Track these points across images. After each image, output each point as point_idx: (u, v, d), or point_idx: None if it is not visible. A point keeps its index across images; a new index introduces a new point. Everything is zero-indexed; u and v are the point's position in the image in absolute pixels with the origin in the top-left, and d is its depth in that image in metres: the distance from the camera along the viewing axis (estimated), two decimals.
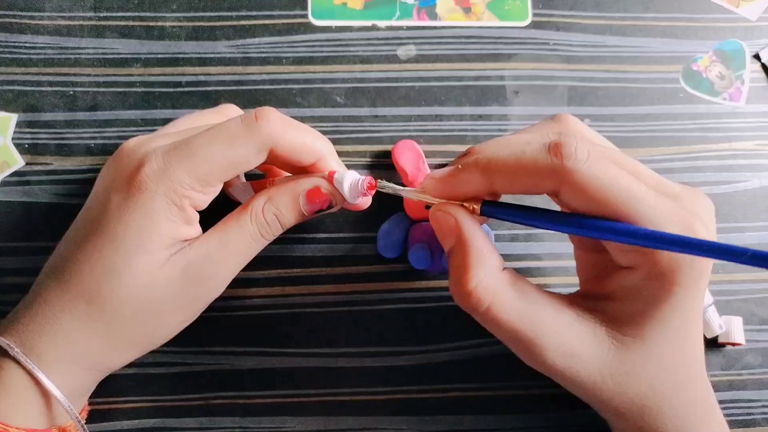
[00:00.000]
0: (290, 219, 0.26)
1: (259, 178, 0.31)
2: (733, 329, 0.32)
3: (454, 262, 0.24)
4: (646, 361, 0.24)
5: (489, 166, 0.23)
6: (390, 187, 0.26)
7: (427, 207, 0.31)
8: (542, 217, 0.23)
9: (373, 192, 0.26)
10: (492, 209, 0.23)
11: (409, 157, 0.32)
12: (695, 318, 0.24)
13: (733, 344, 0.32)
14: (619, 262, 0.24)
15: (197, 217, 0.26)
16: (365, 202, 0.28)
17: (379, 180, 0.26)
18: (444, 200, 0.24)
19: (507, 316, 0.23)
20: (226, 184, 0.30)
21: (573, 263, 0.28)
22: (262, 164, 0.28)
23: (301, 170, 0.27)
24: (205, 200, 0.25)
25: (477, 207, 0.24)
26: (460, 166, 0.24)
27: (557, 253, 0.33)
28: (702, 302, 0.24)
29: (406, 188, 0.26)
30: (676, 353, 0.24)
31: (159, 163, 0.24)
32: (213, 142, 0.24)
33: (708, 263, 0.23)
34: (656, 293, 0.23)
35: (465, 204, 0.24)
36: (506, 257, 0.33)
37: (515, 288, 0.24)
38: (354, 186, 0.26)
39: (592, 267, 0.26)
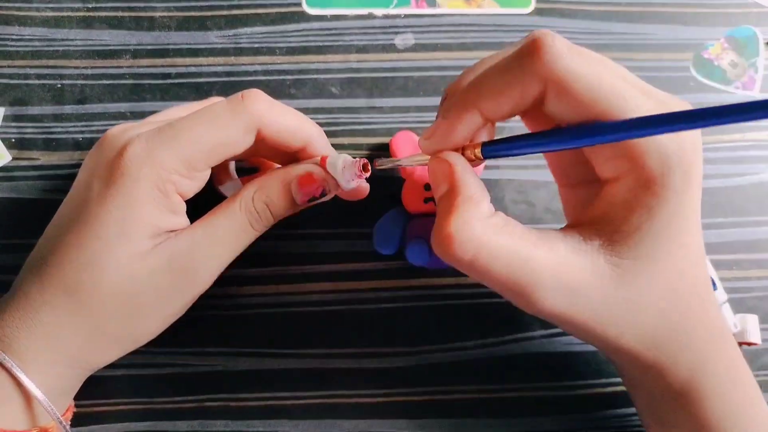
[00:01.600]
0: (282, 208, 0.25)
1: (251, 174, 0.30)
2: (749, 328, 0.30)
3: (441, 207, 0.22)
4: (651, 283, 0.22)
5: (473, 91, 0.22)
6: (388, 161, 0.25)
7: (425, 201, 0.30)
8: (538, 139, 0.21)
9: (369, 173, 0.25)
10: (493, 148, 0.22)
11: (408, 150, 0.30)
12: (694, 229, 0.22)
13: (749, 344, 0.30)
14: (605, 176, 0.22)
15: (184, 206, 0.25)
16: (362, 189, 0.27)
17: (377, 159, 0.26)
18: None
19: (497, 264, 0.21)
20: (217, 182, 0.29)
21: None
22: (252, 156, 0.27)
23: (291, 159, 0.26)
24: (191, 187, 0.24)
25: (478, 151, 0.22)
26: (445, 113, 0.22)
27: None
28: (697, 212, 0.22)
29: (404, 158, 0.25)
30: (682, 270, 0.22)
31: (142, 146, 0.23)
32: (198, 124, 0.23)
33: (698, 163, 0.21)
34: (648, 202, 0.21)
35: (466, 152, 0.23)
36: None
37: (505, 233, 0.21)
38: (348, 167, 0.25)
39: (581, 203, 0.25)
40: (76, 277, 0.23)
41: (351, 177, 0.25)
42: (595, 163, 0.23)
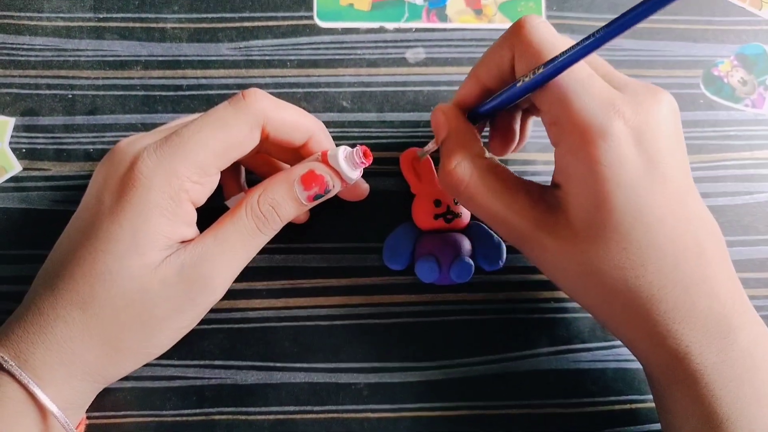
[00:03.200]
0: (288, 210, 0.25)
1: None
2: None
3: (443, 150, 0.26)
4: (607, 255, 0.22)
5: (474, 66, 0.26)
6: (425, 150, 0.29)
7: (436, 217, 0.30)
8: (505, 93, 0.24)
9: (371, 161, 0.25)
10: (476, 110, 0.26)
11: (418, 165, 0.31)
12: (647, 204, 0.22)
13: None
14: (552, 141, 0.24)
15: (195, 216, 0.25)
16: (363, 189, 0.29)
17: (418, 149, 0.29)
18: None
19: (483, 194, 0.25)
20: (226, 195, 0.29)
21: None
22: (259, 163, 0.28)
23: (296, 156, 0.27)
24: (203, 193, 0.25)
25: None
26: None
27: None
28: (668, 188, 0.22)
29: (429, 143, 0.28)
30: (641, 244, 0.22)
31: (152, 157, 0.23)
32: (204, 128, 0.24)
33: (636, 133, 0.22)
34: (583, 173, 0.22)
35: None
36: None
37: (494, 171, 0.25)
38: (350, 157, 0.25)
39: None
40: (89, 291, 0.23)
41: (353, 166, 0.25)
42: (547, 132, 0.24)
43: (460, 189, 0.25)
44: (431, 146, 0.28)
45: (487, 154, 0.26)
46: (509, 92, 0.24)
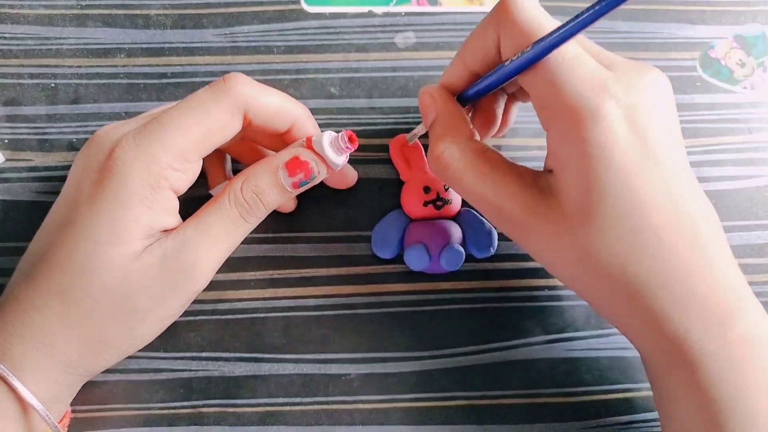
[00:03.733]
0: (272, 197, 0.25)
1: None
2: None
3: (431, 133, 0.26)
4: (602, 239, 0.22)
5: (460, 49, 0.25)
6: (412, 134, 0.28)
7: (425, 204, 0.29)
8: (492, 75, 0.24)
9: (356, 145, 0.25)
10: (465, 94, 0.26)
11: (408, 152, 0.30)
12: (640, 187, 0.21)
13: None
14: (543, 126, 0.23)
15: (176, 204, 0.24)
16: (350, 177, 0.28)
17: (406, 135, 0.29)
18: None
19: (473, 179, 0.24)
20: (210, 183, 0.29)
21: None
22: (241, 152, 0.27)
23: (281, 142, 0.26)
24: (184, 181, 0.24)
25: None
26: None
27: None
28: (660, 169, 0.21)
29: (418, 126, 0.28)
30: (637, 228, 0.21)
31: (131, 144, 0.23)
32: (184, 114, 0.23)
33: (627, 113, 0.21)
34: (574, 156, 0.22)
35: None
36: None
37: (483, 155, 0.24)
38: (334, 142, 0.24)
39: None
40: (66, 281, 0.23)
41: (338, 151, 0.24)
42: (538, 116, 0.24)
43: (448, 173, 0.24)
44: (419, 129, 0.28)
45: (477, 137, 0.25)
46: (496, 75, 0.23)
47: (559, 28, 0.21)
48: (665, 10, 0.33)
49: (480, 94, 0.25)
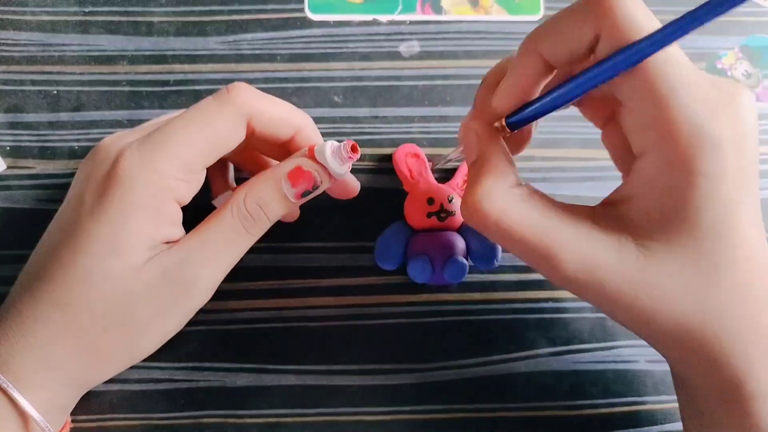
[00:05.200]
0: (276, 208, 0.24)
1: None
2: None
3: (470, 175, 0.23)
4: (681, 271, 0.20)
5: (533, 36, 0.21)
6: (442, 159, 0.28)
7: (428, 216, 0.29)
8: (561, 89, 0.21)
9: (358, 155, 0.24)
10: (516, 116, 0.22)
11: (411, 162, 0.30)
12: (740, 224, 0.20)
13: None
14: (636, 149, 0.21)
15: (180, 215, 0.24)
16: (352, 187, 0.27)
17: (432, 160, 0.29)
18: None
19: (518, 227, 0.21)
20: (213, 193, 0.29)
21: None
22: (244, 159, 0.27)
23: (283, 151, 0.26)
24: (188, 191, 0.24)
25: (503, 121, 0.23)
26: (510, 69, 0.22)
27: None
28: (749, 205, 0.20)
29: (452, 151, 0.27)
30: (719, 263, 0.20)
31: (135, 155, 0.22)
32: (188, 124, 0.23)
33: (741, 143, 0.19)
34: (677, 185, 0.20)
35: (495, 124, 0.23)
36: None
37: (530, 201, 0.22)
38: (337, 151, 0.24)
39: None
40: (68, 293, 0.22)
41: (341, 161, 0.24)
42: (629, 136, 0.21)
43: (488, 223, 0.22)
44: (453, 155, 0.27)
45: (523, 182, 0.23)
46: (584, 77, 0.20)
47: (666, 26, 0.18)
48: (670, 20, 0.33)
49: (554, 106, 0.21)
